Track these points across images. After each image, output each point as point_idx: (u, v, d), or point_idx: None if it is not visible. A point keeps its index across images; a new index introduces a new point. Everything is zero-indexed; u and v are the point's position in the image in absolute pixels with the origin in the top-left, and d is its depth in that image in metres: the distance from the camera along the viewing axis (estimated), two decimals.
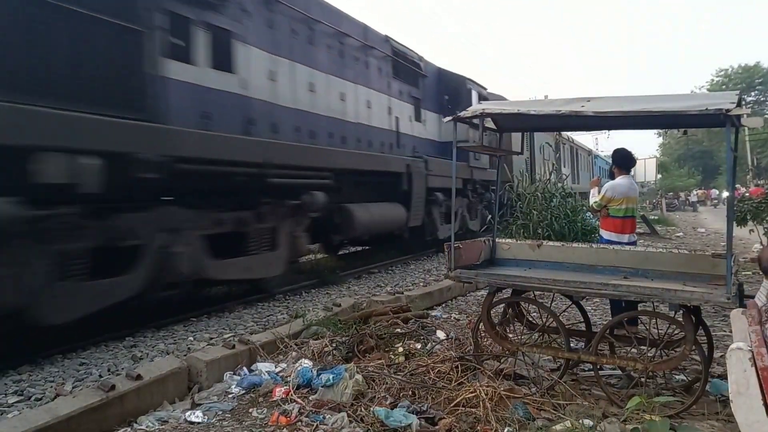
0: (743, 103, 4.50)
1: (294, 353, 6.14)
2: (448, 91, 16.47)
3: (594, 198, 7.22)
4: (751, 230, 14.11)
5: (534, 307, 6.03)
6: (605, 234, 7.02)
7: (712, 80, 76.22)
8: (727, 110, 4.25)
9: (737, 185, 55.51)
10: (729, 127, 4.51)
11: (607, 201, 6.90)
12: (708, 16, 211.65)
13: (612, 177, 7.20)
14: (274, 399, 5.06)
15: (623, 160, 7.17)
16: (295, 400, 4.95)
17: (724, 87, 67.53)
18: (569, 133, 29.09)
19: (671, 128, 7.59)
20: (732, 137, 4.89)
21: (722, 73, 76.39)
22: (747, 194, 21.81)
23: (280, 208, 9.28)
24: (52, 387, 5.40)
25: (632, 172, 7.46)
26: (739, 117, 4.37)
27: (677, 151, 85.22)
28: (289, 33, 9.86)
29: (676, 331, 5.26)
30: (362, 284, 11.48)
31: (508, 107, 5.70)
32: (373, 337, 6.41)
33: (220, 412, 4.89)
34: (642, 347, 5.28)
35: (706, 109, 4.36)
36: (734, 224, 5.58)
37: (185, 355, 5.99)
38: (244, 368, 5.73)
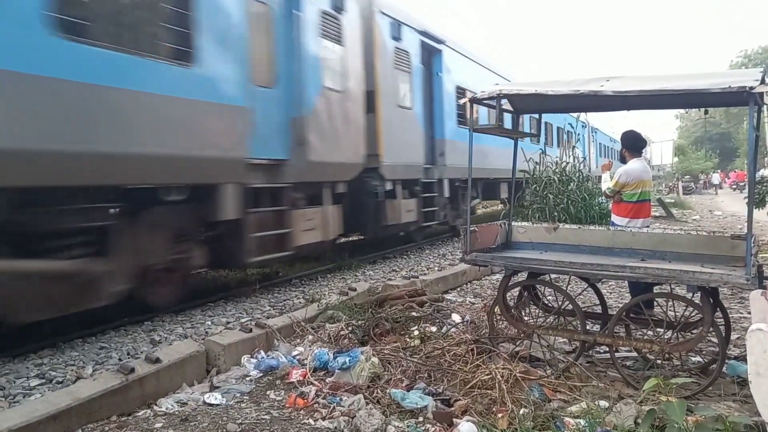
0: (766, 81, 4.42)
1: (310, 337, 6.17)
2: None
3: (607, 183, 7.15)
4: None
5: (550, 289, 6.01)
6: (617, 219, 6.95)
7: (731, 61, 75.40)
8: (751, 88, 4.19)
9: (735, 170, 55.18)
10: (752, 105, 4.45)
11: (621, 186, 6.84)
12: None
13: (623, 160, 7.13)
14: (291, 381, 5.09)
15: (634, 142, 7.08)
16: (312, 383, 4.98)
17: (743, 68, 66.69)
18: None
19: (692, 108, 7.46)
20: (755, 116, 4.82)
21: (742, 53, 75.54)
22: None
23: None
24: (72, 370, 5.47)
25: (648, 154, 7.38)
26: (762, 95, 4.31)
27: (694, 133, 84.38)
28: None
29: (693, 313, 5.23)
30: (377, 269, 11.50)
31: (525, 88, 5.64)
32: (388, 320, 6.43)
33: (238, 395, 4.93)
34: (658, 329, 5.25)
35: (729, 86, 4.30)
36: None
37: (203, 339, 6.04)
38: (262, 351, 5.76)
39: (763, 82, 4.30)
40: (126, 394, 4.67)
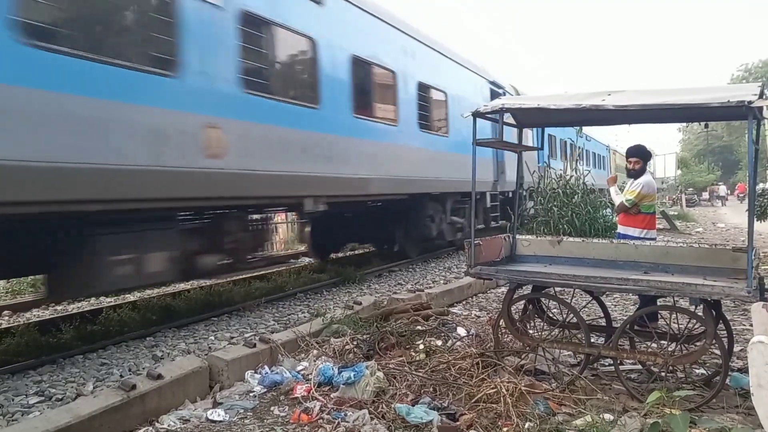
0: (765, 95, 4.45)
1: (315, 351, 6.16)
2: None
3: (619, 197, 7.16)
4: None
5: (554, 303, 6.02)
6: (631, 231, 6.96)
7: (732, 75, 75.66)
8: (750, 102, 4.21)
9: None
10: (751, 119, 4.47)
11: (641, 198, 6.89)
12: (730, 12, 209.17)
13: (630, 173, 7.13)
14: (296, 397, 5.08)
15: (648, 155, 7.19)
16: (316, 398, 4.97)
17: (744, 81, 66.80)
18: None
19: (693, 121, 7.52)
20: (754, 130, 4.85)
21: (742, 67, 75.79)
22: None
23: None
24: (73, 387, 5.47)
25: (651, 167, 7.46)
26: (761, 109, 4.33)
27: (697, 146, 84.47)
28: None
29: (696, 326, 5.23)
30: (383, 282, 11.52)
31: (528, 102, 5.69)
32: (393, 334, 6.43)
33: (242, 411, 4.92)
34: (662, 342, 5.25)
35: (728, 101, 4.33)
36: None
37: (206, 355, 6.04)
38: (266, 367, 5.76)
39: (761, 96, 4.33)
40: (127, 412, 4.63)
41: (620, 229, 7.24)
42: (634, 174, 7.04)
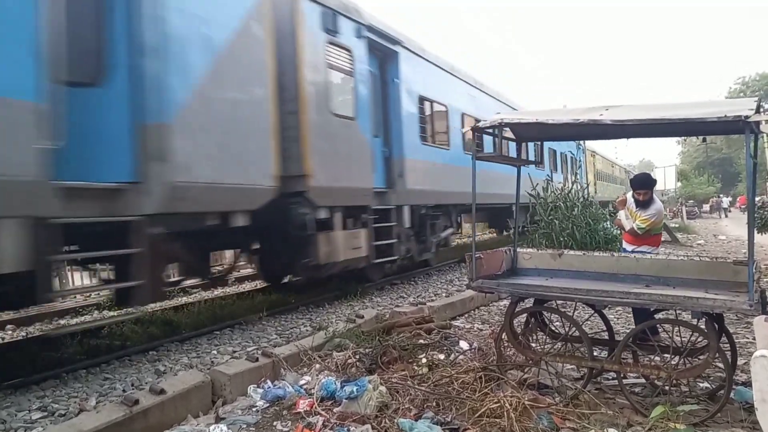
0: (762, 109, 4.48)
1: (318, 365, 6.16)
2: None
3: (630, 222, 7.14)
4: None
5: (556, 316, 6.02)
6: (644, 248, 7.01)
7: (730, 88, 76.01)
8: (746, 117, 4.24)
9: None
10: (748, 133, 4.50)
11: (654, 225, 6.94)
12: (728, 26, 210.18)
13: (639, 203, 7.10)
14: (298, 412, 5.07)
15: (654, 182, 7.39)
16: (319, 413, 4.96)
17: (741, 94, 67.12)
18: None
19: (690, 136, 7.51)
20: (752, 144, 4.87)
21: (740, 80, 76.12)
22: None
23: None
24: (75, 402, 5.46)
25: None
26: (758, 123, 4.36)
27: (696, 158, 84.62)
28: None
29: (699, 339, 5.23)
30: (385, 295, 11.50)
31: (526, 117, 5.72)
32: (396, 348, 6.43)
33: (245, 426, 4.91)
34: (665, 355, 5.25)
35: (725, 116, 4.36)
36: (755, 231, 5.59)
37: (209, 369, 6.03)
38: (268, 381, 5.75)
39: (758, 111, 4.35)
40: (130, 427, 4.63)
41: (628, 247, 7.20)
42: (644, 204, 7.00)
